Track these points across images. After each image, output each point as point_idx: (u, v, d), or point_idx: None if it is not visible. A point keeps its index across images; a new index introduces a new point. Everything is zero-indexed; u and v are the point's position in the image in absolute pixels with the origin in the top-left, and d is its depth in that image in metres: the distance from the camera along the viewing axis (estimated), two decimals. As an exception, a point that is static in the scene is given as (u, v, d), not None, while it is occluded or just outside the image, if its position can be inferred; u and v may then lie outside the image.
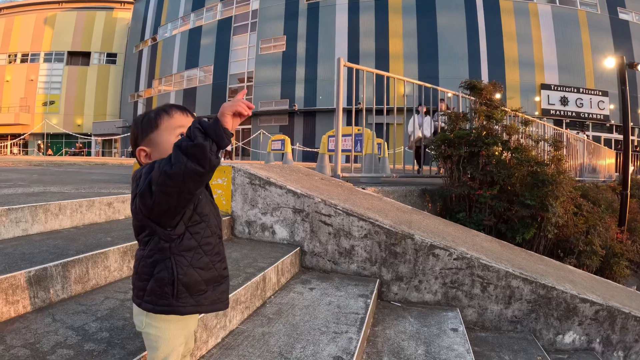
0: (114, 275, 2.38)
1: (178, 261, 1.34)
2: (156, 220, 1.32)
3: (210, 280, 1.43)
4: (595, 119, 31.32)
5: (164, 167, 1.19)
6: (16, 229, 2.53)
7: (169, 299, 1.34)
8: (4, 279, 1.79)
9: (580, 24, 31.85)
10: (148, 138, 1.43)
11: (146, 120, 1.46)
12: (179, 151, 1.19)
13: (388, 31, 33.40)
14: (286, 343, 2.16)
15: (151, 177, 1.23)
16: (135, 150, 1.46)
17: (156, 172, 1.21)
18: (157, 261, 1.34)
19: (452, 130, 6.11)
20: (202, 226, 1.42)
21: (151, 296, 1.35)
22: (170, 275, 1.33)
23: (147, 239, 1.37)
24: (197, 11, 41.74)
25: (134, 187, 1.36)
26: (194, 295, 1.38)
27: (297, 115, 35.09)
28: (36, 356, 1.51)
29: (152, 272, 1.35)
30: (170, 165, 1.18)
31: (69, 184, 4.26)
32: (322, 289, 3.07)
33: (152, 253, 1.35)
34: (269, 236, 3.70)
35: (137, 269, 1.40)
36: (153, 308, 1.35)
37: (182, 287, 1.35)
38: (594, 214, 6.71)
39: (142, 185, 1.26)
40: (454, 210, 5.76)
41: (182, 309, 1.37)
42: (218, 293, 1.46)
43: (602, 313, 3.27)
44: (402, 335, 2.71)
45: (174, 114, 1.46)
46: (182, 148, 1.18)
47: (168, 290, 1.34)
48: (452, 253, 3.29)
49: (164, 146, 1.40)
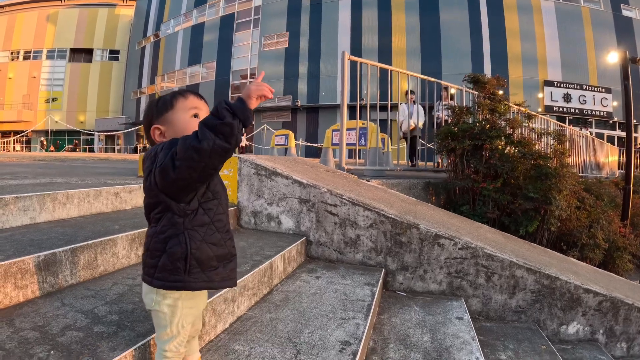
0: (122, 262, 2.39)
1: (192, 236, 1.37)
2: (173, 195, 1.35)
3: (221, 256, 1.46)
4: (599, 115, 31.25)
5: (191, 143, 1.24)
6: (24, 217, 2.55)
7: (181, 274, 1.37)
8: (13, 263, 1.80)
9: (584, 20, 31.75)
10: (163, 117, 1.49)
11: (162, 101, 1.52)
12: (206, 128, 1.24)
13: (391, 27, 33.33)
14: (294, 328, 2.17)
15: (174, 152, 1.27)
16: (149, 130, 1.50)
17: (182, 147, 1.25)
18: (170, 236, 1.37)
19: (455, 123, 6.11)
20: (214, 203, 1.46)
21: (163, 272, 1.37)
22: (183, 250, 1.36)
23: (159, 216, 1.40)
24: (200, 7, 41.71)
25: (147, 165, 1.39)
26: (206, 270, 1.41)
27: (300, 111, 35.07)
28: (46, 338, 1.52)
29: (165, 248, 1.37)
30: (198, 141, 1.23)
31: (75, 176, 4.28)
32: (328, 278, 3.09)
33: (166, 229, 1.37)
34: (275, 226, 3.71)
35: (149, 245, 1.42)
36: (164, 284, 1.38)
37: (195, 262, 1.38)
38: (596, 208, 6.71)
39: (163, 159, 1.30)
40: (457, 203, 5.76)
41: (194, 284, 1.39)
42: (228, 270, 1.50)
43: (605, 304, 3.27)
44: (408, 323, 2.72)
45: (189, 96, 1.52)
46: (211, 126, 1.24)
47: (180, 265, 1.36)
48: (457, 243, 3.30)
49: (179, 124, 1.47)
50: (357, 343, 2.06)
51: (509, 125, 6.33)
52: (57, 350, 1.44)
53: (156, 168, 1.32)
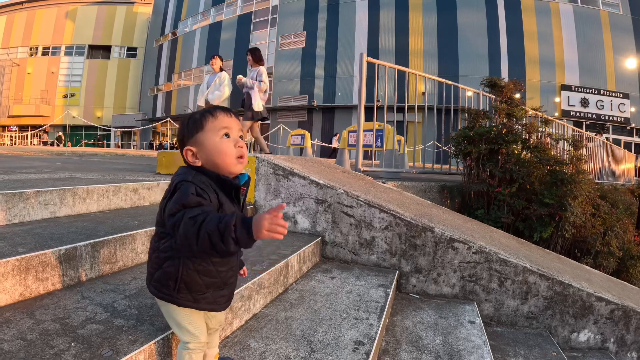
0: (140, 258, 2.43)
1: (185, 263, 1.43)
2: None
3: (212, 285, 1.51)
4: (616, 121, 30.84)
5: (190, 239, 1.28)
6: (44, 211, 2.60)
7: (170, 290, 1.45)
8: (35, 256, 1.84)
9: (602, 24, 31.28)
10: (194, 138, 1.49)
11: (192, 121, 1.52)
12: (207, 238, 1.25)
13: (408, 28, 33.16)
14: (309, 327, 2.20)
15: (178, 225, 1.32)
16: (182, 150, 1.51)
17: (182, 233, 1.30)
18: (169, 258, 1.45)
19: (472, 127, 6.09)
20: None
21: (156, 283, 1.47)
22: (175, 272, 1.43)
23: (164, 235, 1.47)
24: (217, 6, 41.90)
25: (167, 189, 1.46)
26: (193, 293, 1.47)
27: (315, 111, 35.08)
28: (66, 330, 1.55)
29: (162, 265, 1.46)
30: (196, 242, 1.27)
31: (94, 172, 4.34)
32: (343, 278, 3.11)
33: (167, 249, 1.45)
34: (291, 226, 3.73)
35: (150, 256, 1.52)
36: (157, 293, 1.48)
37: (183, 285, 1.45)
38: (612, 215, 6.65)
39: (169, 215, 1.36)
40: (472, 207, 5.75)
41: (180, 302, 1.47)
42: (217, 296, 1.54)
43: (617, 312, 3.25)
44: (420, 325, 2.74)
45: (218, 115, 1.50)
46: (211, 242, 1.25)
47: (171, 284, 1.45)
48: (471, 247, 3.30)
49: (209, 147, 1.47)
50: (370, 343, 2.08)
51: (526, 130, 6.29)
52: (78, 342, 1.46)
53: (166, 213, 1.38)
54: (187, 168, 1.48)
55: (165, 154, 4.82)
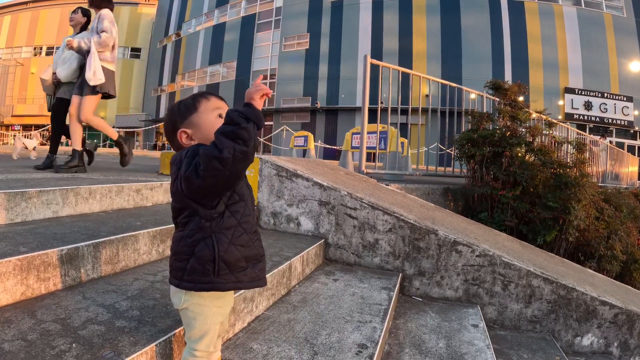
0: (142, 258, 2.42)
1: (219, 239, 1.39)
2: (199, 201, 1.38)
3: (250, 257, 1.48)
4: (619, 124, 30.75)
5: (212, 153, 1.25)
6: (47, 210, 2.60)
7: (210, 276, 1.39)
8: (37, 256, 1.84)
9: (606, 27, 31.22)
10: (188, 120, 1.50)
11: (183, 105, 1.53)
12: (224, 137, 1.26)
13: (412, 30, 33.16)
14: (311, 330, 2.18)
15: (197, 163, 1.29)
16: (175, 134, 1.51)
17: (204, 159, 1.27)
18: (198, 240, 1.39)
19: (476, 129, 6.07)
20: (241, 205, 1.47)
21: (192, 275, 1.39)
22: (211, 252, 1.38)
23: (186, 220, 1.42)
24: (221, 7, 41.96)
25: (174, 170, 1.41)
26: (234, 271, 1.43)
27: (319, 113, 35.08)
28: (67, 330, 1.54)
29: (193, 251, 1.39)
30: (219, 151, 1.24)
31: (96, 171, 4.34)
32: (346, 281, 3.10)
33: (193, 232, 1.39)
34: (294, 227, 3.73)
35: (176, 249, 1.44)
36: (194, 286, 1.40)
37: (223, 264, 1.39)
38: (615, 219, 6.63)
39: (186, 169, 1.32)
40: (475, 210, 5.73)
41: (223, 285, 1.41)
42: (257, 270, 1.51)
43: (621, 317, 3.24)
44: (424, 328, 2.72)
45: (210, 97, 1.54)
46: (228, 133, 1.26)
47: (209, 268, 1.38)
48: (475, 250, 3.28)
49: (205, 125, 1.48)
50: (374, 346, 2.06)
51: (530, 132, 6.27)
52: (79, 344, 1.45)
53: (182, 175, 1.34)
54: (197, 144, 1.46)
55: (168, 154, 4.81)
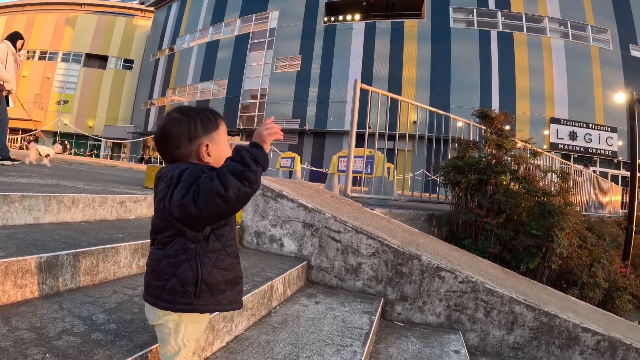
0: (122, 271, 2.39)
1: (203, 261, 1.39)
2: (189, 225, 1.36)
3: (230, 280, 1.48)
4: (603, 154, 31.17)
5: (216, 190, 1.25)
6: (28, 216, 2.56)
7: (191, 297, 1.38)
8: (15, 261, 1.80)
9: (592, 59, 31.79)
10: (210, 135, 1.48)
11: (205, 117, 1.50)
12: (230, 175, 1.25)
13: (402, 57, 33.52)
14: (291, 352, 2.15)
15: (196, 193, 1.28)
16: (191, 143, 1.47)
17: (205, 192, 1.26)
18: (182, 261, 1.38)
19: (462, 157, 6.12)
20: (226, 229, 1.47)
21: (171, 295, 1.38)
22: (194, 274, 1.37)
23: (169, 240, 1.40)
24: (216, 25, 42.13)
25: (162, 187, 1.40)
26: (215, 294, 1.42)
27: (307, 135, 35.15)
28: (42, 340, 1.51)
29: (175, 272, 1.38)
30: (224, 189, 1.24)
31: (82, 180, 4.30)
32: (327, 304, 3.07)
33: (177, 253, 1.38)
34: (277, 248, 3.71)
35: (155, 268, 1.42)
36: (172, 307, 1.39)
37: (205, 287, 1.39)
38: (598, 247, 6.71)
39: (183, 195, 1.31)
40: (459, 237, 5.75)
41: (203, 308, 1.41)
42: (235, 293, 1.51)
43: (603, 343, 3.25)
44: (405, 354, 2.70)
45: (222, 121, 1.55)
46: (237, 173, 1.26)
47: (191, 290, 1.37)
48: (458, 276, 3.29)
49: (221, 146, 1.50)
50: (353, 370, 2.04)
51: (515, 161, 6.35)
52: (53, 354, 1.42)
53: (175, 200, 1.32)
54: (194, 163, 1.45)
55: (154, 168, 4.79)
